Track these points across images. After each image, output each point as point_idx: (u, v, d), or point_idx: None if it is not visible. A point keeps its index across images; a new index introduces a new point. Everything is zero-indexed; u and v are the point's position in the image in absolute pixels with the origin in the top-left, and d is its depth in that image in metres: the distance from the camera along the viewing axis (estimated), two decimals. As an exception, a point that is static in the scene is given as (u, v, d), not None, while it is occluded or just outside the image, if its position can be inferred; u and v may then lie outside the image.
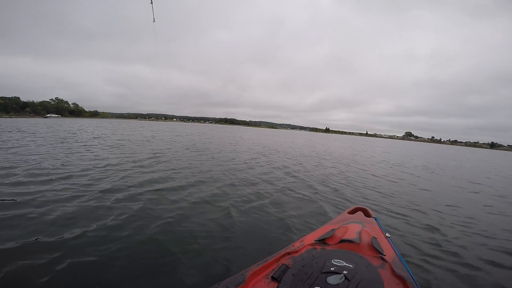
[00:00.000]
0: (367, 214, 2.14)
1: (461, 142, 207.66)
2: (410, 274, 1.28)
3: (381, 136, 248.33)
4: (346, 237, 1.60)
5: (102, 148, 8.48)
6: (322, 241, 1.62)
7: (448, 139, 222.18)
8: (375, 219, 2.00)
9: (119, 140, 11.71)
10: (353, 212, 2.22)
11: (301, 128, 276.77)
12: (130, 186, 3.92)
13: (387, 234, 1.75)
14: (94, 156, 6.67)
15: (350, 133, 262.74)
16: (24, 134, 11.92)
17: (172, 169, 5.56)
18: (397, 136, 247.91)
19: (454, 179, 7.85)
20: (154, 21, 6.66)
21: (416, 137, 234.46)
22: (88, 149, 7.95)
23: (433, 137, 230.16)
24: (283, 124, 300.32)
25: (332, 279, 1.15)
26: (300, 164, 8.10)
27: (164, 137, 16.09)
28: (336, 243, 1.57)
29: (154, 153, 7.81)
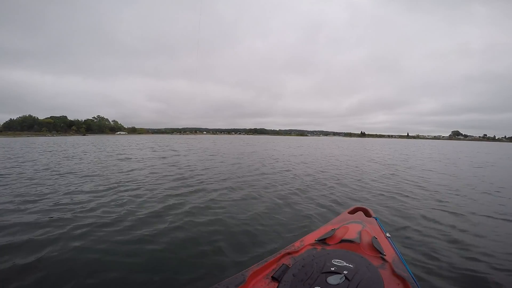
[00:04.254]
0: (367, 214, 2.11)
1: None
2: (410, 274, 1.26)
3: (424, 137, 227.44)
4: (346, 237, 1.60)
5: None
6: (322, 241, 1.62)
7: (504, 136, 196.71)
8: (376, 219, 1.97)
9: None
10: (353, 212, 2.19)
11: (335, 134, 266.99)
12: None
13: (387, 234, 1.72)
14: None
15: (389, 136, 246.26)
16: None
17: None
18: (443, 136, 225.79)
19: None
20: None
21: (465, 135, 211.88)
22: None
23: (485, 135, 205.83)
24: (315, 131, 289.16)
25: (332, 279, 1.15)
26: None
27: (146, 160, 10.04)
28: (337, 243, 1.58)
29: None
